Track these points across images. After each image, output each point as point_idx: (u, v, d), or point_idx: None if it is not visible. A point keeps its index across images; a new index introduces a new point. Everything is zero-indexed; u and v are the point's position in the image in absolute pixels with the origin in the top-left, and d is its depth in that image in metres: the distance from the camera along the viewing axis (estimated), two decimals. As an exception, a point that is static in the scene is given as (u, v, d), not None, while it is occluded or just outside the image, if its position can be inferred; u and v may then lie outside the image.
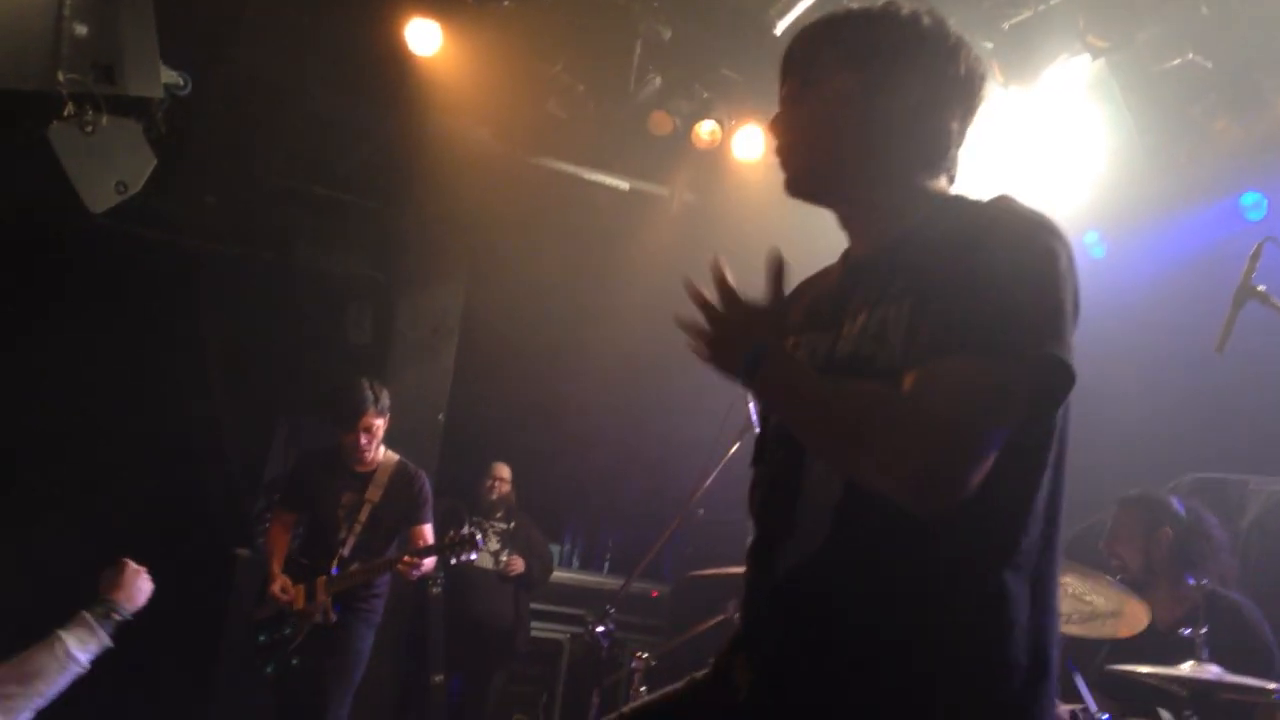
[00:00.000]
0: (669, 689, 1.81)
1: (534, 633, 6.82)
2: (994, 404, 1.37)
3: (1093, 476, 4.90)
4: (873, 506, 1.47)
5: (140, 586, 2.95)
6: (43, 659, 2.71)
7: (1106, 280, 5.06)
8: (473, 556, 4.55)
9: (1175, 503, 3.76)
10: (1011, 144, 4.99)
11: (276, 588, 4.50)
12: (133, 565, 2.97)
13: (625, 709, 1.82)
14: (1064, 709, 2.97)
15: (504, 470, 6.65)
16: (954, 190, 1.73)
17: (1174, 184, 4.91)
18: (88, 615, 2.81)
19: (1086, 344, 1.52)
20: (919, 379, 1.41)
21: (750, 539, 1.73)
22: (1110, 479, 4.67)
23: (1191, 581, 3.51)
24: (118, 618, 2.85)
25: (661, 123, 5.50)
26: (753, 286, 1.65)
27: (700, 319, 1.62)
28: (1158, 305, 4.92)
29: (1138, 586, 3.58)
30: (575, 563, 8.33)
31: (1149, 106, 4.73)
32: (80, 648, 2.76)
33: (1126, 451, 4.80)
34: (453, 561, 4.56)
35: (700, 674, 1.77)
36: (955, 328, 1.40)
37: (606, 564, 8.33)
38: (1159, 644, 3.47)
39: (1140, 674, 2.97)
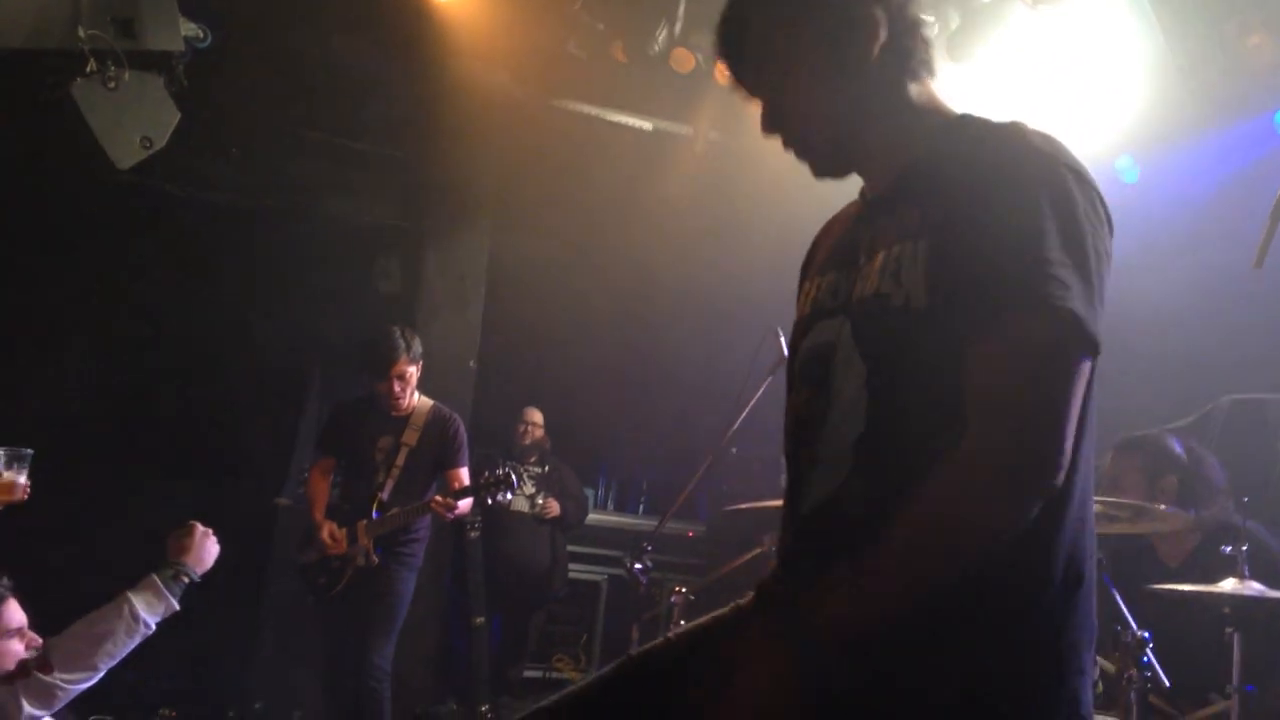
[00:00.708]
0: (715, 613, 1.82)
1: (572, 575, 6.91)
2: (1058, 400, 1.35)
3: (1131, 400, 4.88)
4: (894, 438, 1.47)
5: (208, 549, 3.02)
6: (111, 621, 2.78)
7: (1141, 204, 4.99)
8: (509, 496, 4.59)
9: (1176, 445, 3.70)
10: (1041, 67, 4.90)
11: (325, 534, 4.57)
12: (201, 528, 3.03)
13: (671, 634, 1.83)
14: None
15: (536, 415, 6.70)
16: (945, 100, 1.67)
17: (1207, 103, 4.81)
18: (156, 579, 2.87)
19: (1122, 266, 1.49)
20: (975, 384, 1.37)
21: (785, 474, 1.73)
22: (1148, 402, 4.65)
23: (1192, 513, 3.46)
24: (186, 580, 2.91)
25: (683, 60, 5.43)
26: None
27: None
28: (1193, 227, 4.85)
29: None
30: (610, 505, 8.41)
31: (1181, 24, 4.62)
32: (148, 611, 2.83)
33: (1164, 374, 4.77)
34: (489, 501, 4.60)
35: (744, 600, 1.78)
36: (990, 294, 1.37)
37: (641, 505, 8.40)
38: (1170, 579, 3.45)
39: (1183, 592, 2.97)
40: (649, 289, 7.08)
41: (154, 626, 2.84)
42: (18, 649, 2.82)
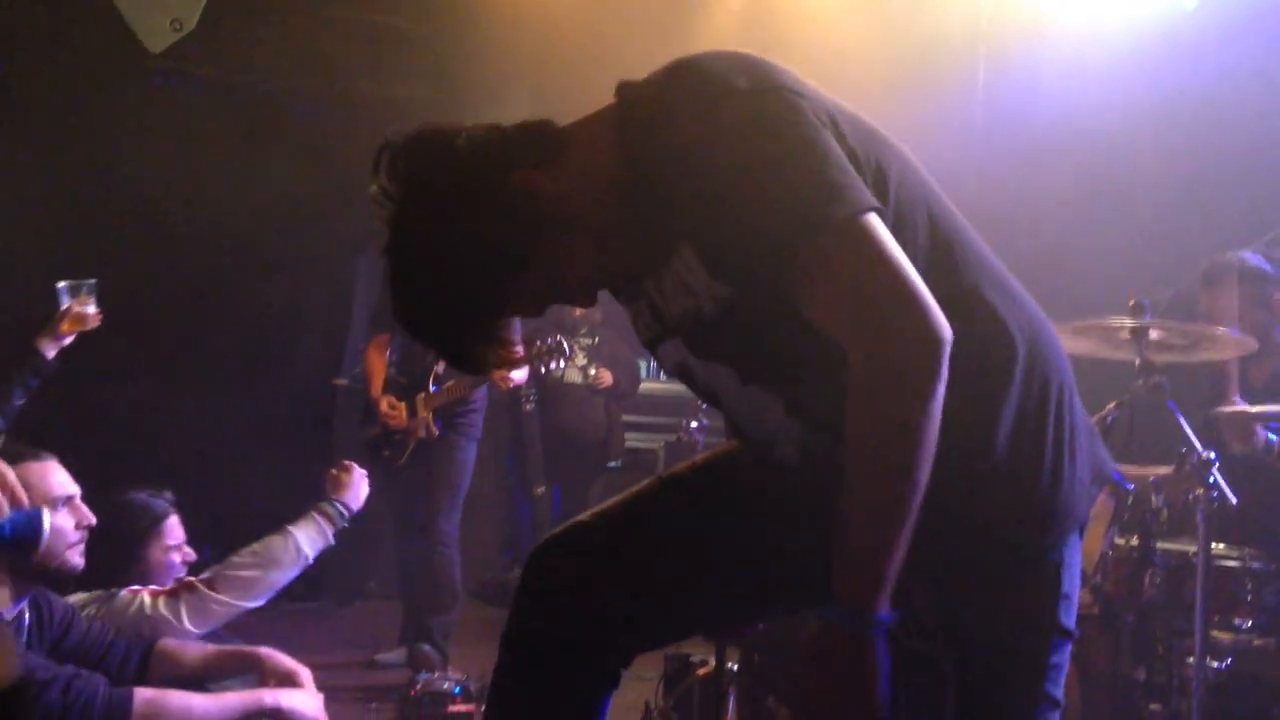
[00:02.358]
0: (727, 445, 1.84)
1: (628, 443, 6.99)
2: (882, 271, 1.33)
3: (1214, 224, 4.75)
4: (804, 392, 1.50)
5: (361, 487, 3.22)
6: (277, 550, 2.97)
7: (1204, 30, 4.79)
8: (561, 364, 4.62)
9: (1253, 259, 3.62)
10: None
11: (384, 405, 4.65)
12: (357, 470, 3.24)
13: (699, 457, 1.86)
14: (1159, 472, 2.97)
15: (585, 287, 6.68)
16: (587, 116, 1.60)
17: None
18: (318, 516, 3.06)
19: (1188, 94, 1.41)
20: (825, 321, 1.37)
21: None
22: (1229, 225, 4.53)
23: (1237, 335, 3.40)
24: (343, 515, 3.11)
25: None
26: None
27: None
28: (1258, 48, 4.64)
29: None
30: (663, 374, 8.45)
31: None
32: (309, 545, 3.00)
33: (1229, 202, 4.65)
34: (542, 370, 4.64)
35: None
36: (775, 254, 1.35)
37: (694, 374, 8.44)
38: (1250, 396, 3.42)
39: (1250, 414, 2.94)
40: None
41: (313, 559, 3.02)
42: (176, 561, 2.99)
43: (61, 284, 3.58)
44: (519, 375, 4.71)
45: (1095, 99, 5.04)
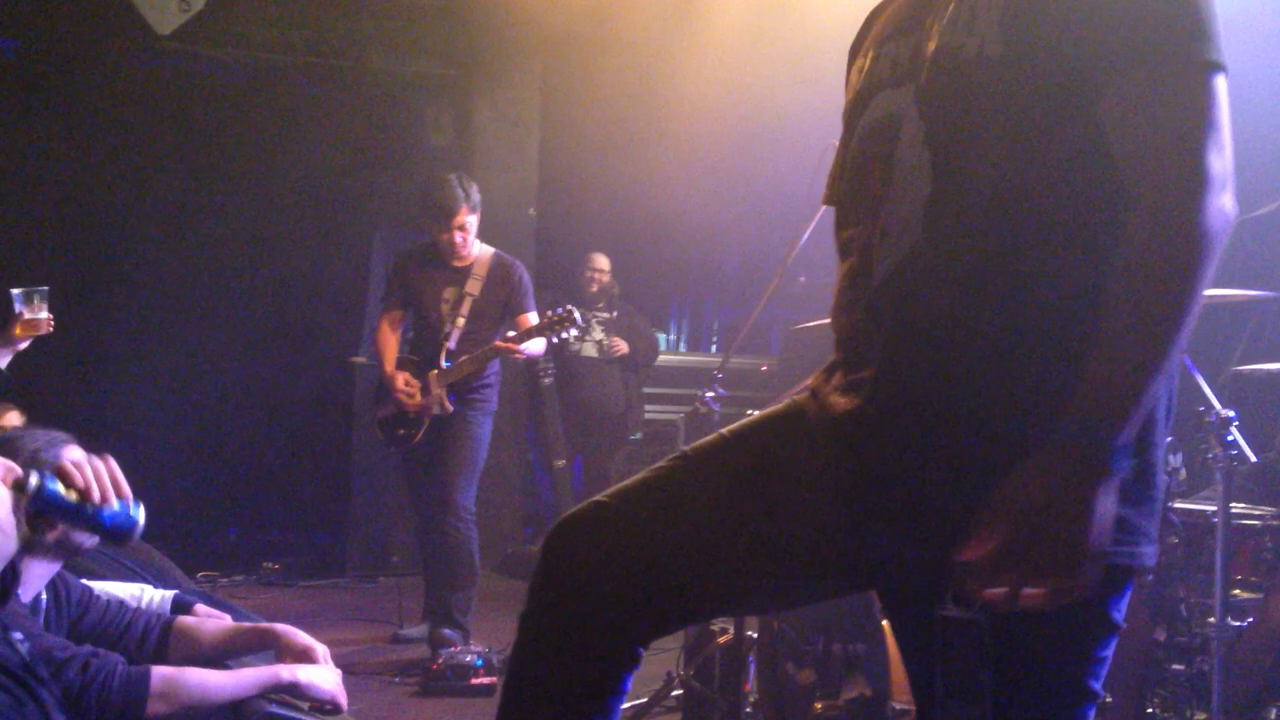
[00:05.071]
0: (769, 409, 1.79)
1: (649, 415, 7.01)
2: (1212, 142, 1.27)
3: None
4: (963, 200, 1.39)
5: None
6: None
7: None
8: (573, 332, 4.59)
9: None
10: None
11: (400, 383, 4.65)
12: None
13: (726, 430, 1.80)
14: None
15: (602, 261, 6.66)
16: None
17: None
18: None
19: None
20: (1121, 129, 1.29)
21: (841, 248, 1.64)
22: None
23: None
24: None
25: None
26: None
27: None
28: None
29: None
30: (682, 346, 8.45)
31: None
32: None
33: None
34: (554, 340, 4.61)
35: (799, 396, 1.75)
36: (1120, 43, 1.28)
37: (714, 344, 8.42)
38: None
39: (1269, 370, 2.90)
40: (703, 124, 6.89)
41: None
42: None
43: (15, 290, 3.58)
44: (533, 348, 4.69)
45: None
